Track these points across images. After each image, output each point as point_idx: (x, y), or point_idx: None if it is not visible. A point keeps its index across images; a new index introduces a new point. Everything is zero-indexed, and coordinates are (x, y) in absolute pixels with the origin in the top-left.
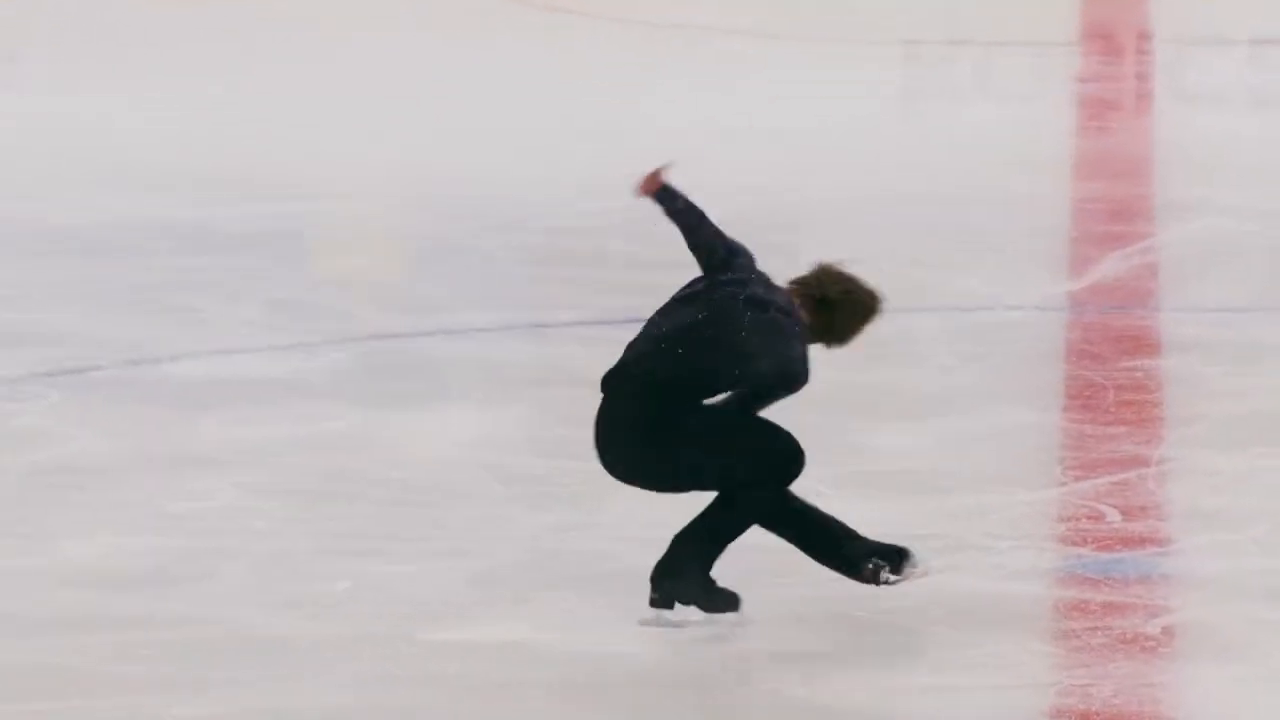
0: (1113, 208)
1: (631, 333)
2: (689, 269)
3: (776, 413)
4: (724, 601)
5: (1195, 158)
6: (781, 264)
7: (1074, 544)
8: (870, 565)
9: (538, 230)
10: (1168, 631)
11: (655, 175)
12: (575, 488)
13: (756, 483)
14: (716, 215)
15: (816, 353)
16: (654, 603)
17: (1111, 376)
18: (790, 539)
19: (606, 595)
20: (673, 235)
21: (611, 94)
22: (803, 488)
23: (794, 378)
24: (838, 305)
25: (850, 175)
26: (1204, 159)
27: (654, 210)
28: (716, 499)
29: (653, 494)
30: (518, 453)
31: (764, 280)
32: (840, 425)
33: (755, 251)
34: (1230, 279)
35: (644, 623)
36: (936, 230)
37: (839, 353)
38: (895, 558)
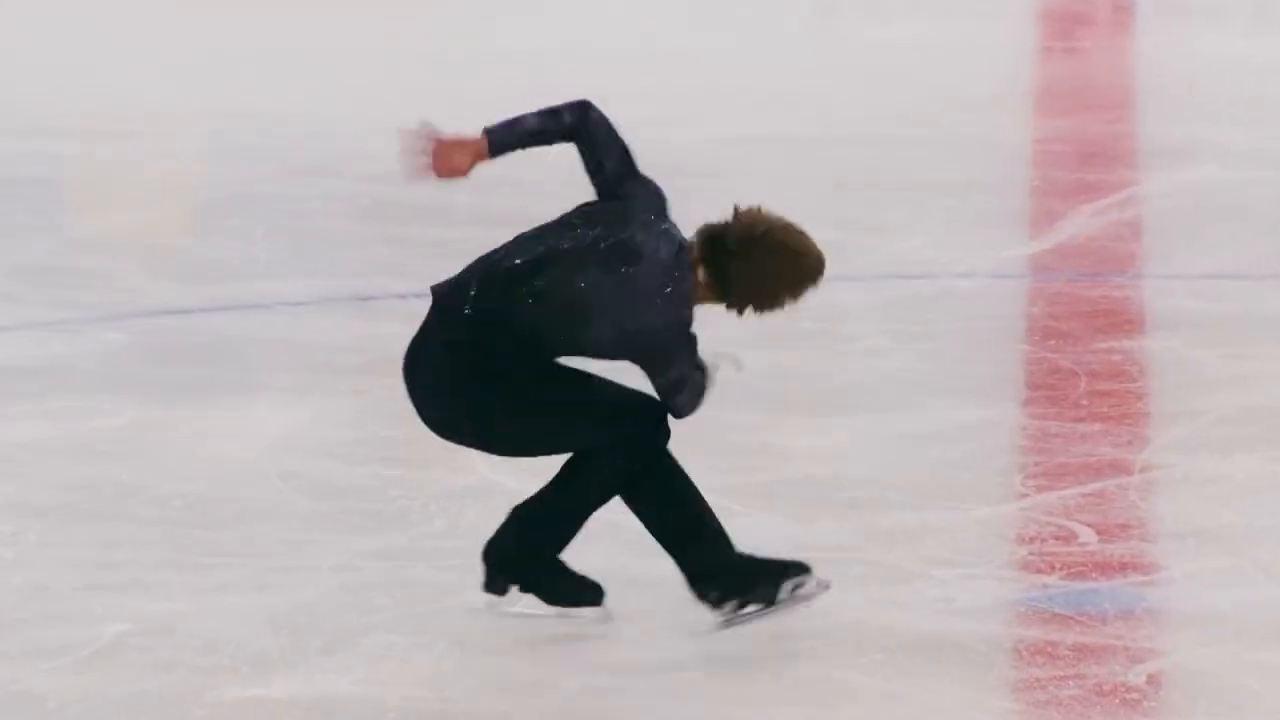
0: (1084, 150)
1: None
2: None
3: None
4: (579, 593)
5: (1186, 88)
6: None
7: (1038, 571)
8: (715, 592)
9: (357, 178)
10: (1153, 681)
11: (454, 150)
12: (403, 502)
13: (614, 446)
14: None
15: (722, 329)
16: (486, 587)
17: (1083, 361)
18: (646, 521)
19: (443, 637)
20: (528, 182)
21: (456, 13)
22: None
23: (647, 349)
24: (735, 256)
25: (754, 110)
26: (1197, 89)
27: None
28: (566, 465)
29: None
30: (332, 458)
31: (653, 224)
32: (745, 422)
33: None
34: (1228, 240)
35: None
36: (864, 179)
37: (743, 334)
38: (766, 585)
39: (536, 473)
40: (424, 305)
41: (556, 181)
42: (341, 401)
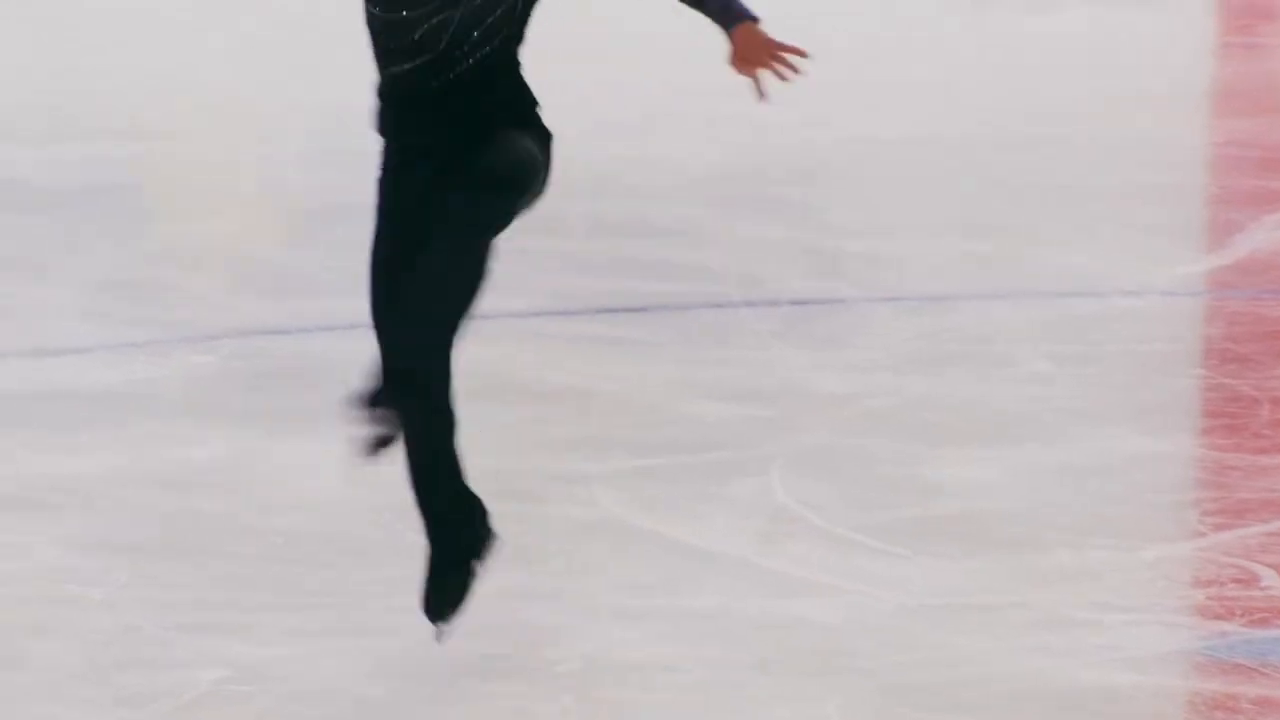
0: (1267, 155)
1: (598, 326)
2: (672, 238)
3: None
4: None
5: None
6: (792, 221)
7: (1216, 617)
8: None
9: None
10: None
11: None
12: (520, 538)
13: None
14: (704, 158)
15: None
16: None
17: (1266, 387)
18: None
19: (567, 689)
20: (642, 187)
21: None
22: (837, 538)
23: None
24: None
25: (900, 108)
26: None
27: (626, 154)
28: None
29: (632, 549)
30: None
31: None
32: (891, 454)
33: (762, 205)
34: None
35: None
36: (1020, 184)
37: (891, 359)
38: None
39: (655, 506)
40: (541, 325)
41: (670, 186)
42: None
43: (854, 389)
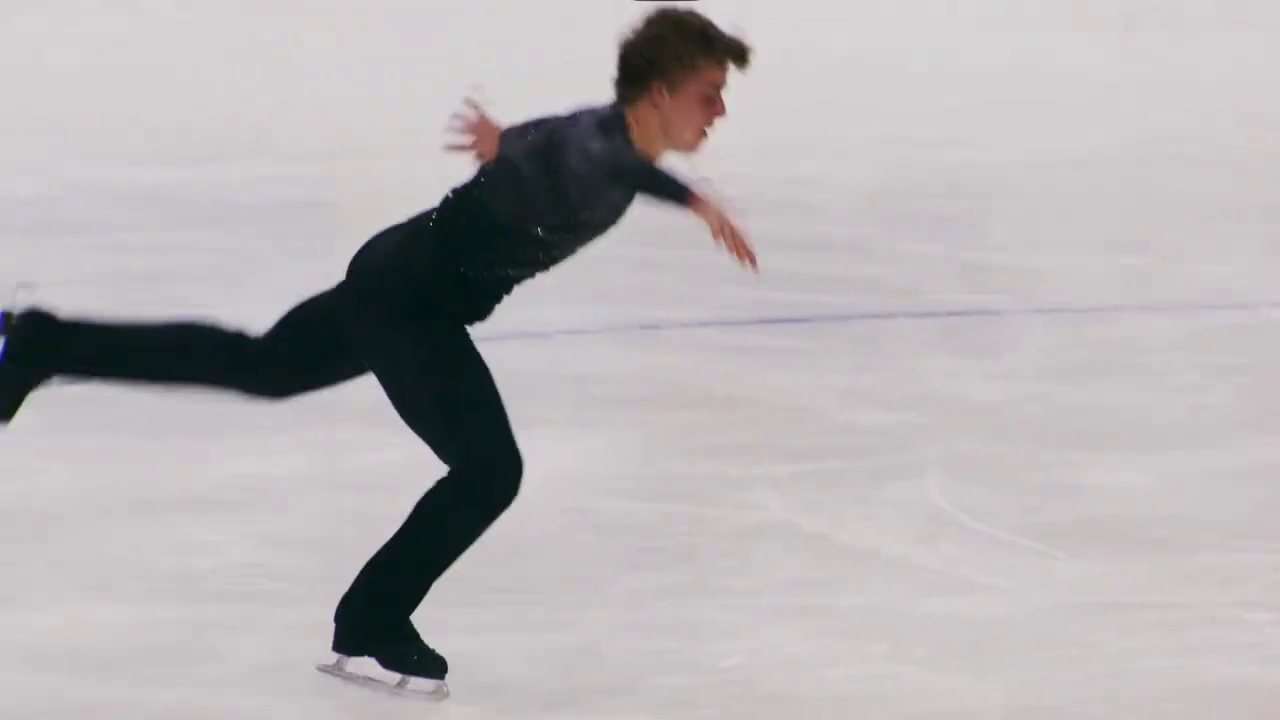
0: None
1: (764, 336)
2: (834, 252)
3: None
4: (424, 664)
5: None
6: (949, 236)
7: None
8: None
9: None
10: None
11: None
12: (690, 539)
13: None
14: (863, 177)
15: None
16: (336, 645)
17: None
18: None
19: (732, 682)
20: (817, 206)
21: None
22: (991, 539)
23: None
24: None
25: (1052, 127)
26: None
27: (785, 173)
28: (414, 511)
29: (796, 549)
30: (617, 493)
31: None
32: (1051, 459)
33: (920, 221)
34: None
35: (321, 669)
36: (1169, 204)
37: (1040, 367)
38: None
39: (818, 509)
40: (709, 336)
41: (845, 209)
42: (626, 435)
43: (1007, 396)
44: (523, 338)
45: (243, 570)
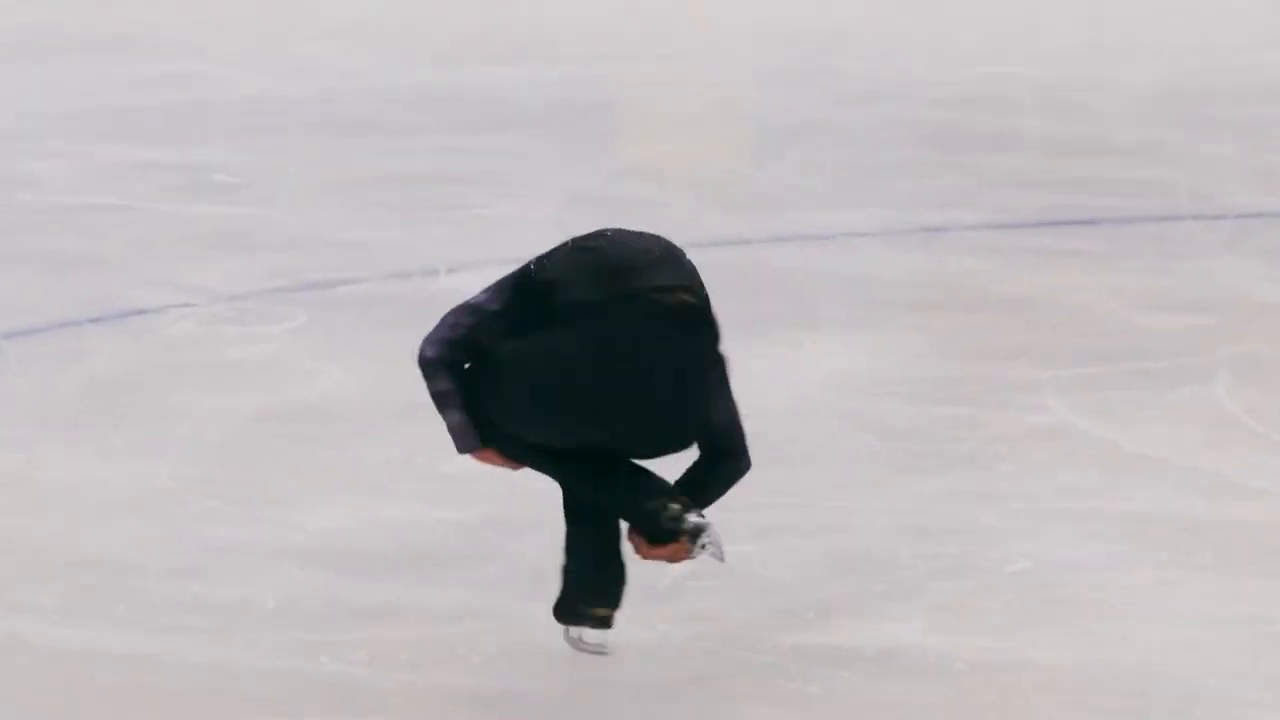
0: None
1: (1046, 238)
2: (1120, 155)
3: None
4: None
5: None
6: (1241, 138)
7: None
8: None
9: (921, 102)
10: None
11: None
12: (970, 444)
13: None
14: (1153, 79)
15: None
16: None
17: None
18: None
19: (1002, 589)
20: (1093, 107)
21: None
22: (1274, 442)
23: None
24: None
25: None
26: None
27: (1074, 76)
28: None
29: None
30: (895, 397)
31: None
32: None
33: (1211, 124)
34: None
35: None
36: None
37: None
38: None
39: (1101, 412)
40: (990, 238)
41: (1118, 105)
42: (905, 338)
43: None
44: (803, 240)
45: (519, 473)
